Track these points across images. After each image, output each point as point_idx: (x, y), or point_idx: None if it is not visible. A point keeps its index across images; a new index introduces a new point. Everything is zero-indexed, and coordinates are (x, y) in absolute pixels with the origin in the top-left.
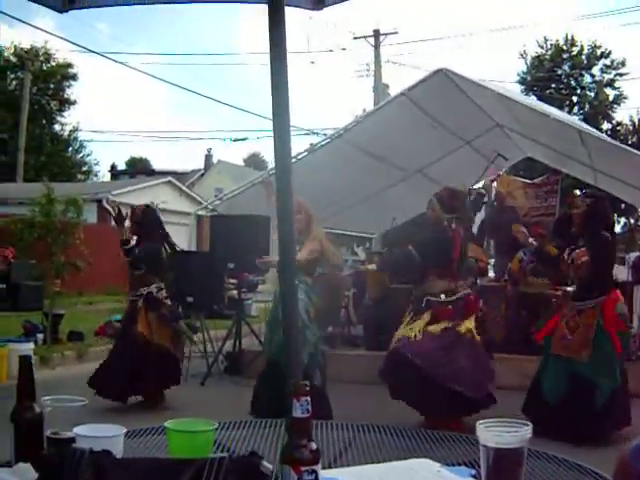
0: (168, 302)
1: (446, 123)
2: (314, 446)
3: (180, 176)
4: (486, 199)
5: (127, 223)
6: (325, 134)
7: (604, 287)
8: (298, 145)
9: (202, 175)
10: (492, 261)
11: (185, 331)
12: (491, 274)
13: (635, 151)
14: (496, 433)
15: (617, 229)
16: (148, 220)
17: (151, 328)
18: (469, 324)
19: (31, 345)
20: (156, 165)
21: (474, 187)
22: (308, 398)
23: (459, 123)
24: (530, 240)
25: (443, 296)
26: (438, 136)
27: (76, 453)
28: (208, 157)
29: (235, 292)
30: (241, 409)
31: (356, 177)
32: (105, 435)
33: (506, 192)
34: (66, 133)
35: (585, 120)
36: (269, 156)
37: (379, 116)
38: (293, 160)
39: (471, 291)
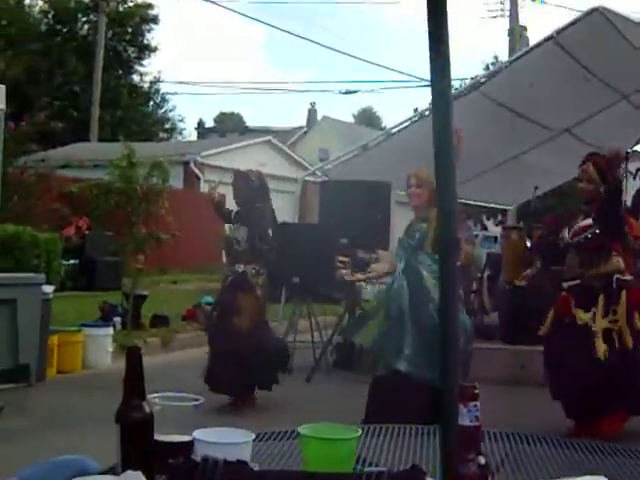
0: (261, 283)
1: (600, 73)
2: (482, 460)
3: (279, 135)
4: None
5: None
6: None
7: None
8: (416, 99)
9: (305, 134)
10: None
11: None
12: None
13: None
14: None
15: None
16: (259, 187)
17: (247, 313)
18: None
19: (109, 330)
20: (250, 122)
21: (633, 150)
22: (477, 403)
23: (616, 73)
24: None
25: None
26: (590, 89)
27: (208, 464)
28: (312, 113)
29: (346, 272)
30: (354, 411)
31: (490, 138)
32: (232, 442)
33: None
34: (146, 85)
35: None
36: (384, 112)
37: (522, 64)
38: (409, 121)
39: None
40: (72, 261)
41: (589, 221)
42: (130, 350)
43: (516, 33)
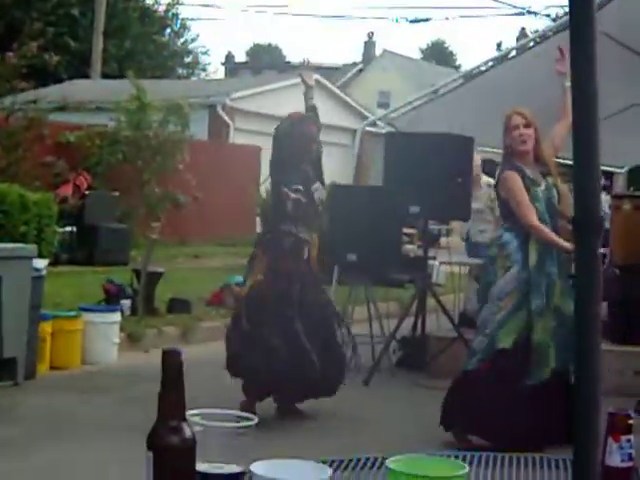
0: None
1: None
2: None
3: (328, 72)
4: None
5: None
6: (549, 15)
7: None
8: (498, 32)
9: (360, 72)
10: None
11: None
12: None
13: None
14: None
15: None
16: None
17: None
18: None
19: (115, 316)
20: (291, 56)
21: None
22: (631, 437)
23: None
24: None
25: None
26: None
27: None
28: (369, 46)
29: (413, 248)
30: (427, 426)
31: (600, 82)
32: None
33: None
34: (161, 8)
35: None
36: (458, 46)
37: None
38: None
39: None
40: (69, 228)
41: None
42: (168, 354)
43: None
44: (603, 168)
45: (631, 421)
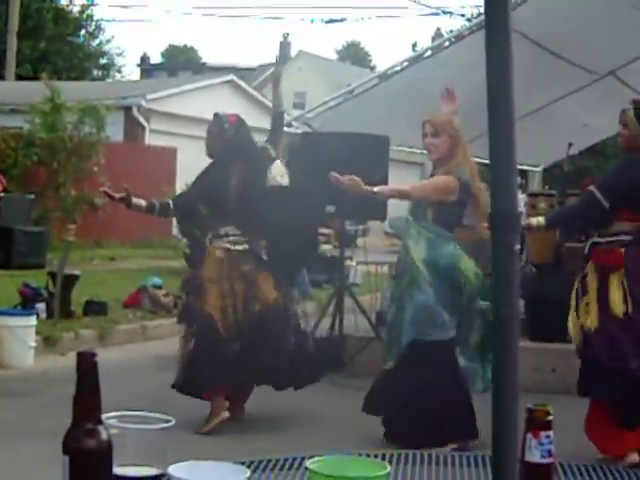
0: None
1: None
2: None
3: (243, 74)
4: None
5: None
6: (463, 15)
7: None
8: (414, 32)
9: None
10: None
11: None
12: None
13: None
14: None
15: None
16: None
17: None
18: None
19: (31, 320)
20: (207, 58)
21: None
22: (550, 433)
23: None
24: None
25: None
26: None
27: None
28: (284, 46)
29: (330, 248)
30: (347, 425)
31: (515, 81)
32: None
33: None
34: (76, 9)
35: None
36: (373, 47)
37: None
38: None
39: None
40: None
41: None
42: (82, 356)
43: None
44: (519, 167)
45: (550, 417)
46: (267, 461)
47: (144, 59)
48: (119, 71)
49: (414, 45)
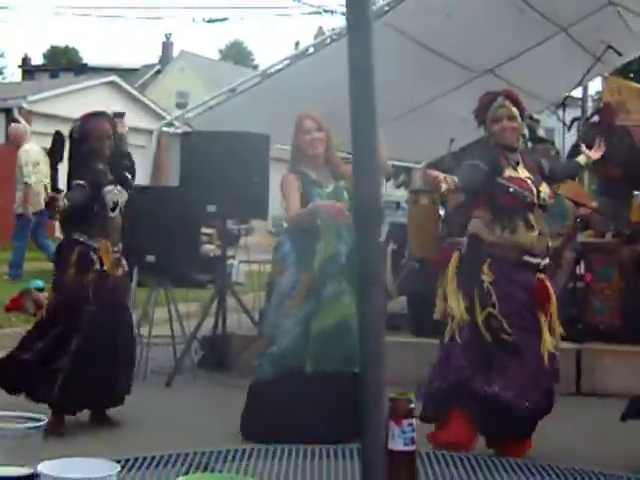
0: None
1: (534, 2)
2: None
3: (126, 74)
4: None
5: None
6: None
7: None
8: (298, 32)
9: (158, 73)
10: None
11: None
12: None
13: None
14: None
15: None
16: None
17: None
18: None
19: None
20: (88, 58)
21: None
22: (413, 421)
23: (553, 1)
24: None
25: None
26: (522, 21)
27: None
28: (166, 46)
29: (213, 248)
30: (230, 425)
31: (396, 79)
32: (93, 477)
33: (617, 103)
34: None
35: None
36: (256, 46)
37: None
38: (290, 58)
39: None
40: None
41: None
42: None
43: None
44: (402, 164)
45: (412, 405)
46: (141, 459)
47: (25, 60)
48: (0, 73)
49: (297, 44)
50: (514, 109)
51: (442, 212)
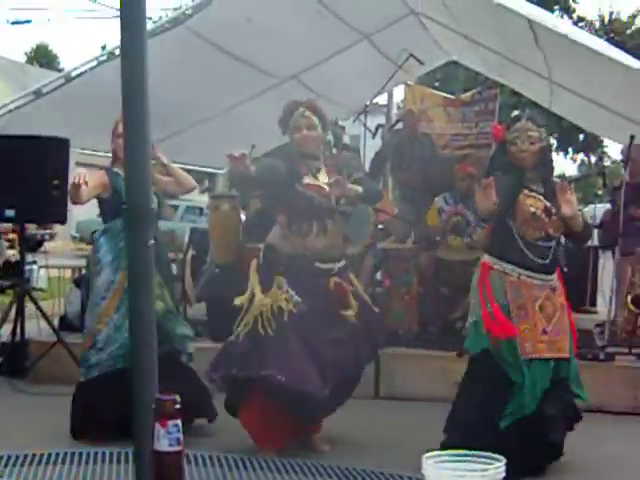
0: None
1: (336, 8)
2: None
3: None
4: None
5: None
6: (151, 17)
7: None
8: (106, 35)
9: None
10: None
11: None
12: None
13: (617, 56)
14: (456, 474)
15: (573, 170)
16: None
17: None
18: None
19: None
20: None
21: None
22: (178, 422)
23: (356, 9)
24: None
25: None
26: (325, 27)
27: None
28: None
29: (15, 253)
30: (33, 431)
31: (199, 84)
32: None
33: (419, 111)
34: None
35: None
36: (63, 50)
37: None
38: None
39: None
40: None
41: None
42: None
43: None
44: (206, 170)
45: (177, 406)
46: None
47: None
48: None
49: (103, 47)
50: (314, 118)
51: (244, 217)
